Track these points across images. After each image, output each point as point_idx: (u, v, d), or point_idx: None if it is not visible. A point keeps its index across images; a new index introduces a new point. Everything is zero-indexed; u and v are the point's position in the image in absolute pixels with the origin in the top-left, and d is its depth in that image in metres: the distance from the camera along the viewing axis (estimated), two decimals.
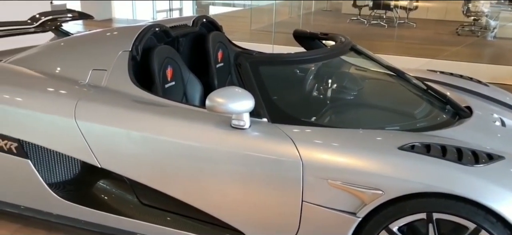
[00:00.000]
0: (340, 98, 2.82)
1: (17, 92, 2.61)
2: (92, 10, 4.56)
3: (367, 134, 2.24)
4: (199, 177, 2.30)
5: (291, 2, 14.49)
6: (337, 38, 2.98)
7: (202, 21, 3.50)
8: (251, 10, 12.92)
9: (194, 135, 2.27)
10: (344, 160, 2.05)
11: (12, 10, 6.69)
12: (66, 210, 2.63)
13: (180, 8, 14.67)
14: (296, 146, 2.10)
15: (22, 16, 3.95)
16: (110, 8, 13.72)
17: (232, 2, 16.83)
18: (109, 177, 2.64)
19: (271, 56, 2.51)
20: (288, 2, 14.55)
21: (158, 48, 2.74)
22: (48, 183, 2.65)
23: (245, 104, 2.14)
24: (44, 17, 3.82)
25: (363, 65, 3.07)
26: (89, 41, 3.05)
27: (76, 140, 2.45)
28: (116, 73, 2.61)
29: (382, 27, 12.49)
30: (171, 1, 12.69)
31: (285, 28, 10.36)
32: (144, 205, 2.55)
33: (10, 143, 2.59)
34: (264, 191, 2.19)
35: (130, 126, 2.36)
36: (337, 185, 2.04)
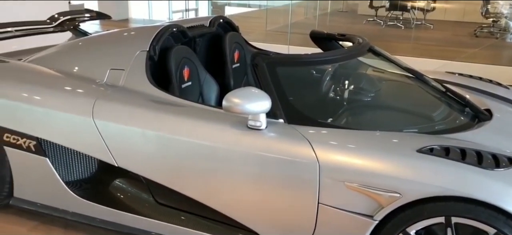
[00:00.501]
0: (357, 99, 2.80)
1: (36, 91, 2.64)
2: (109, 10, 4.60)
3: (385, 136, 2.22)
4: (215, 177, 2.30)
5: (307, 3, 14.45)
6: (355, 39, 2.95)
7: (219, 22, 3.50)
8: (267, 11, 12.91)
9: (210, 135, 2.27)
10: (362, 162, 2.03)
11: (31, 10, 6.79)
12: (82, 208, 2.66)
13: (196, 8, 14.72)
14: (312, 148, 2.09)
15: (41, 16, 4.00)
16: (127, 8, 13.83)
17: (247, 3, 16.85)
18: (125, 176, 2.65)
19: (288, 57, 2.51)
20: (303, 3, 14.51)
21: (175, 48, 2.75)
22: (66, 181, 2.68)
23: (262, 104, 2.13)
24: (63, 17, 3.87)
25: (381, 66, 3.04)
26: (107, 41, 3.07)
27: (94, 139, 2.47)
28: (133, 73, 2.63)
29: (399, 28, 12.37)
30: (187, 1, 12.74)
31: (301, 28, 10.34)
32: (160, 204, 2.56)
33: (28, 141, 2.62)
34: (279, 192, 2.19)
35: (147, 126, 2.38)
36: (354, 187, 2.02)
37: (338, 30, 3.35)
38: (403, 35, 11.59)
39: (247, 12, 15.54)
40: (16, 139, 2.65)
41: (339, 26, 12.68)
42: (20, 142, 2.64)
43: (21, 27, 3.51)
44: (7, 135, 2.66)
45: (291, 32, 9.42)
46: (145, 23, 13.12)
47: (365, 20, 13.50)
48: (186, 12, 13.03)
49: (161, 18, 13.97)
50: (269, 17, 12.10)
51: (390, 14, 13.20)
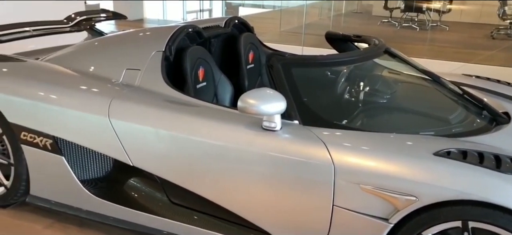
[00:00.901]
0: (373, 101, 2.77)
1: (53, 90, 2.67)
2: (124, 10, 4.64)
3: (401, 139, 2.19)
4: (229, 178, 2.30)
5: (321, 3, 14.42)
6: (371, 41, 2.93)
7: (234, 22, 3.51)
8: (281, 12, 12.90)
9: (225, 136, 2.27)
10: (377, 164, 2.01)
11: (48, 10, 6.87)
12: (97, 206, 2.68)
13: (210, 9, 14.77)
14: (328, 149, 2.07)
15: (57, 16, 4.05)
16: (142, 8, 13.92)
17: (261, 3, 16.85)
18: (140, 175, 2.66)
19: (304, 58, 2.49)
20: (318, 4, 14.48)
21: (190, 49, 2.76)
22: (81, 180, 2.70)
23: (277, 105, 2.13)
24: (79, 17, 3.91)
25: (397, 68, 3.02)
26: (123, 41, 3.09)
27: (110, 138, 2.48)
28: (149, 73, 2.64)
29: (414, 30, 12.27)
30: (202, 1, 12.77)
31: (315, 29, 10.31)
32: (174, 204, 2.57)
33: (45, 140, 2.65)
34: (294, 194, 2.18)
35: (162, 126, 2.39)
36: (369, 190, 2.01)
37: (353, 31, 3.33)
38: (418, 37, 11.48)
39: (261, 12, 15.55)
40: (33, 138, 2.68)
41: (353, 27, 12.63)
42: (36, 141, 2.67)
43: (38, 26, 3.55)
44: (24, 133, 2.69)
45: (305, 33, 9.40)
46: (159, 23, 13.20)
47: (380, 21, 13.42)
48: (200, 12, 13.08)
49: (175, 18, 14.04)
50: (283, 18, 12.08)
51: (405, 16, 13.11)
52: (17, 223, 2.89)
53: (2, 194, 2.97)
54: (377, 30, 12.33)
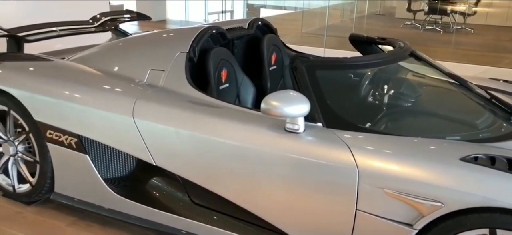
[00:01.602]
0: (397, 104, 2.73)
1: (79, 89, 2.70)
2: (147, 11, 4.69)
3: (426, 143, 2.15)
4: (251, 179, 2.30)
5: (343, 5, 14.31)
6: (396, 43, 2.89)
7: (258, 24, 3.50)
8: (303, 13, 12.85)
9: (248, 137, 2.27)
10: (402, 169, 1.98)
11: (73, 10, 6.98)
12: (119, 205, 2.71)
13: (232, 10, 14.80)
14: (352, 153, 2.05)
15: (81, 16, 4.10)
16: (165, 9, 14.03)
17: (283, 5, 16.82)
18: (162, 175, 2.68)
19: (328, 60, 2.47)
20: (340, 5, 14.38)
21: (214, 50, 2.77)
22: (104, 178, 2.73)
23: (301, 108, 2.11)
24: (105, 17, 3.96)
25: (422, 71, 2.97)
26: (148, 42, 3.12)
27: (134, 137, 2.51)
28: (173, 74, 2.66)
29: (437, 33, 12.08)
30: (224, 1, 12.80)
31: (337, 31, 10.25)
32: (195, 204, 2.58)
33: (70, 138, 2.69)
34: (316, 197, 2.16)
35: (186, 126, 2.40)
36: (394, 194, 1.98)
37: (375, 34, 3.29)
38: (442, 40, 11.31)
39: (282, 14, 15.52)
40: (58, 136, 2.72)
41: (376, 29, 12.50)
42: (62, 139, 2.71)
43: (65, 26, 3.61)
44: (50, 131, 2.74)
45: (327, 34, 9.34)
46: (182, 24, 13.29)
47: (403, 23, 13.26)
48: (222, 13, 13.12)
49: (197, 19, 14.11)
50: (305, 19, 12.03)
51: (428, 18, 12.91)
52: (41, 219, 2.93)
53: (27, 191, 3.02)
54: (400, 32, 12.18)
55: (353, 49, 3.45)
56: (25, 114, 2.81)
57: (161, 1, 13.76)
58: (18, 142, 2.96)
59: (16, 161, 3.02)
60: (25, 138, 2.91)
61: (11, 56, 3.15)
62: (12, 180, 3.06)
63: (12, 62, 3.04)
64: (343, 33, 3.45)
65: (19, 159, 3.00)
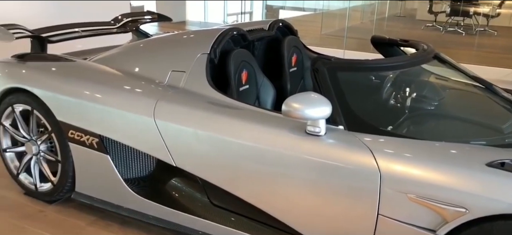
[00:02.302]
0: (420, 108, 2.69)
1: (101, 90, 2.73)
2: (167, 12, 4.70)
3: (451, 148, 2.11)
4: (271, 182, 2.28)
5: (363, 7, 14.21)
6: (419, 46, 2.84)
7: (278, 25, 3.49)
8: (322, 14, 12.79)
9: (268, 139, 2.25)
10: (426, 173, 1.94)
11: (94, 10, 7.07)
12: (139, 205, 2.72)
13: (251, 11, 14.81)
14: (374, 156, 2.02)
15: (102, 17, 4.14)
16: (184, 10, 14.11)
17: (302, 6, 16.77)
18: (182, 176, 2.68)
19: (350, 62, 2.44)
20: (360, 7, 14.27)
21: (235, 52, 2.77)
22: (124, 178, 2.75)
23: (322, 110, 2.09)
24: (126, 18, 3.98)
25: (446, 74, 2.92)
26: (169, 43, 3.13)
27: (154, 138, 2.51)
28: (194, 75, 2.66)
29: (460, 35, 11.90)
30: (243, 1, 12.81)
31: (357, 33, 10.17)
32: (215, 205, 2.57)
33: (92, 138, 2.71)
34: (337, 201, 2.13)
35: (206, 128, 2.39)
36: (417, 199, 1.94)
37: (396, 36, 3.24)
38: (464, 42, 11.13)
39: (301, 15, 15.48)
40: (80, 136, 2.74)
41: (396, 31, 12.38)
42: (83, 139, 2.74)
43: (87, 27, 3.64)
44: (72, 131, 2.76)
45: (346, 36, 9.27)
46: (201, 25, 13.35)
47: (424, 25, 13.11)
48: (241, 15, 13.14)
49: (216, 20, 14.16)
50: (324, 21, 11.97)
51: (450, 20, 12.73)
52: (62, 218, 2.97)
53: (49, 190, 3.06)
54: (421, 34, 12.04)
55: (373, 51, 3.41)
56: (48, 114, 2.84)
57: (181, 2, 13.84)
58: (40, 141, 2.99)
59: (38, 160, 3.06)
60: (47, 137, 2.94)
61: (34, 56, 3.19)
62: (34, 178, 3.10)
63: (36, 63, 3.08)
64: (363, 35, 3.42)
65: (41, 158, 3.04)
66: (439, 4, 13.16)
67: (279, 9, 16.46)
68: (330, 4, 14.39)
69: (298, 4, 17.05)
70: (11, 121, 3.09)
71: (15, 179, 3.22)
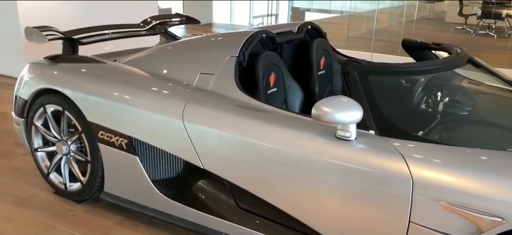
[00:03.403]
0: (453, 113, 2.62)
1: (131, 92, 2.75)
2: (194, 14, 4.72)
3: (487, 154, 2.04)
4: (300, 186, 2.25)
5: (391, 9, 14.02)
6: (452, 49, 2.77)
7: (307, 28, 3.46)
8: (349, 17, 12.67)
9: (297, 143, 2.23)
10: (460, 181, 1.88)
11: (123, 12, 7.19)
12: (165, 206, 2.73)
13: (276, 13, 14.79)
14: (406, 162, 1.97)
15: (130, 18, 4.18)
16: (211, 13, 14.18)
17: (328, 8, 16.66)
18: (209, 178, 2.68)
19: (382, 66, 2.38)
20: (387, 9, 14.09)
21: (263, 54, 2.75)
22: (152, 180, 2.76)
23: (353, 114, 2.05)
24: (155, 21, 4.01)
25: (479, 79, 2.84)
26: (198, 46, 3.14)
27: (183, 140, 2.52)
28: (223, 78, 2.66)
29: (491, 38, 11.62)
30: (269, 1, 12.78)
31: (384, 36, 10.03)
32: (241, 208, 2.56)
33: (121, 139, 2.73)
34: (367, 207, 2.09)
35: (234, 131, 2.38)
36: (450, 208, 1.88)
37: (424, 38, 3.18)
38: (496, 45, 10.86)
39: (327, 17, 15.37)
40: (109, 137, 2.77)
41: (425, 33, 12.17)
42: (113, 140, 2.76)
43: (116, 29, 3.68)
44: (102, 132, 2.79)
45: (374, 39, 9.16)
46: (227, 27, 13.40)
47: (453, 28, 12.85)
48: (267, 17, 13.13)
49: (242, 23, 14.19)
50: (351, 23, 11.86)
51: (481, 23, 12.45)
52: (90, 218, 3.00)
53: (78, 189, 3.10)
54: (450, 37, 11.80)
55: (401, 54, 3.35)
56: (79, 115, 2.88)
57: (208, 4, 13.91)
58: (71, 141, 3.04)
59: (68, 160, 3.10)
60: (77, 138, 2.98)
61: (66, 58, 3.24)
62: (64, 178, 3.15)
63: (67, 64, 3.13)
64: (391, 37, 3.37)
65: (71, 158, 3.08)
66: (469, 6, 12.88)
67: (305, 11, 16.37)
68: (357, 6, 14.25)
69: (324, 6, 16.93)
70: (42, 121, 3.15)
71: (45, 178, 3.28)
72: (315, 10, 16.86)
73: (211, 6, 14.15)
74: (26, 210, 3.07)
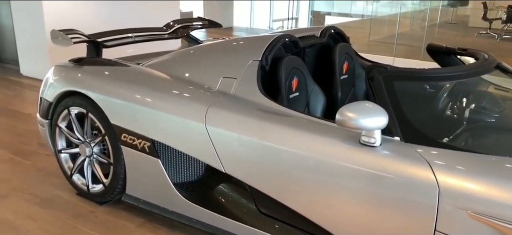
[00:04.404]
0: (480, 119, 2.56)
1: (154, 95, 2.76)
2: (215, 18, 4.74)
3: None
4: (322, 192, 2.23)
5: (413, 13, 13.87)
6: (479, 55, 2.71)
7: (330, 32, 3.44)
8: (371, 21, 12.57)
9: (320, 149, 2.20)
10: (489, 190, 1.83)
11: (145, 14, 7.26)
12: (186, 209, 2.73)
13: (296, 17, 14.76)
14: (432, 170, 1.93)
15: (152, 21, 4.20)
16: (232, 17, 14.23)
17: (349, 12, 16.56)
18: (230, 182, 2.67)
19: (407, 71, 2.34)
20: (409, 13, 13.94)
21: (286, 59, 2.74)
22: (173, 183, 2.76)
23: (378, 120, 2.02)
24: (177, 24, 4.03)
25: (504, 84, 2.77)
26: (220, 50, 3.14)
27: (205, 144, 2.52)
28: (245, 82, 2.65)
29: None
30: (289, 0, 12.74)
31: (406, 40, 9.92)
32: (262, 213, 2.54)
33: (144, 142, 2.75)
34: (391, 215, 2.05)
35: (257, 135, 2.37)
36: (478, 217, 1.84)
37: (447, 43, 3.12)
38: None
39: (348, 21, 15.28)
40: (132, 139, 2.79)
41: (447, 38, 11.99)
42: (136, 143, 2.78)
43: (139, 33, 3.70)
44: (125, 135, 2.81)
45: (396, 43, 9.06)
46: (247, 31, 13.42)
47: (477, 32, 12.65)
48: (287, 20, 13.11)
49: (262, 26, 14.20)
50: (372, 27, 11.76)
51: (506, 27, 12.21)
52: (112, 220, 3.02)
53: (100, 191, 3.13)
54: (474, 42, 11.61)
55: (423, 59, 3.30)
56: (102, 117, 2.91)
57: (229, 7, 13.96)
58: (94, 143, 3.07)
59: (91, 162, 3.13)
60: (100, 140, 3.01)
61: (90, 61, 3.27)
62: (86, 180, 3.18)
63: (92, 67, 3.16)
64: (413, 41, 3.31)
65: (94, 160, 3.11)
66: (494, 10, 12.66)
67: (325, 15, 16.31)
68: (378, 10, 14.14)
69: (345, 10, 16.84)
70: (66, 123, 3.18)
71: (68, 179, 3.31)
72: (335, 14, 16.79)
73: (232, 10, 14.19)
74: (49, 211, 3.11)
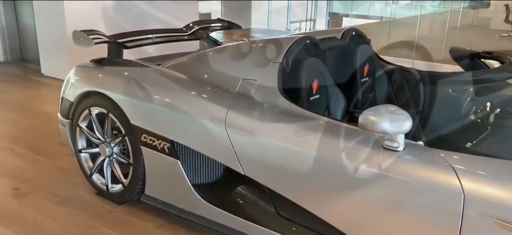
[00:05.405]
0: (505, 124, 2.50)
1: (175, 96, 2.76)
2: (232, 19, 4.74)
3: None
4: (343, 196, 2.20)
5: (433, 16, 13.70)
6: (505, 58, 2.65)
7: (351, 34, 3.40)
8: (390, 23, 12.45)
9: (342, 152, 2.18)
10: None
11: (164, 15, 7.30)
12: (204, 211, 2.73)
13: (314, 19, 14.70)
14: (457, 176, 1.89)
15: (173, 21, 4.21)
16: (250, 17, 14.21)
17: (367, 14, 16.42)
18: (249, 184, 2.66)
19: (431, 75, 2.30)
20: (429, 16, 13.77)
21: (307, 61, 2.71)
22: (192, 184, 2.76)
23: (401, 124, 1.98)
24: (197, 26, 4.04)
25: None
26: (240, 51, 3.12)
27: (224, 146, 2.51)
28: (265, 84, 2.64)
29: None
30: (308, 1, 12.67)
31: (426, 43, 9.78)
32: (281, 216, 2.52)
33: (163, 143, 2.75)
34: (414, 221, 2.02)
35: (277, 138, 2.36)
36: (504, 225, 1.79)
37: (468, 45, 3.05)
38: None
39: (366, 23, 15.15)
40: (152, 140, 2.79)
41: (468, 41, 11.81)
42: (155, 144, 2.78)
43: (159, 34, 3.72)
44: (145, 135, 2.82)
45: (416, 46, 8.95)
46: (265, 33, 13.40)
47: (498, 35, 12.42)
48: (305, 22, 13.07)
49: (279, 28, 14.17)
50: (391, 29, 11.64)
51: None
52: (131, 220, 3.03)
53: (119, 191, 3.14)
54: (495, 45, 11.41)
55: (444, 61, 3.24)
56: (122, 118, 2.92)
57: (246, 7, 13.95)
58: (114, 144, 3.08)
59: (111, 162, 3.15)
60: (120, 140, 3.02)
61: (111, 61, 3.29)
62: (106, 179, 3.20)
63: (113, 67, 3.18)
64: (432, 44, 3.24)
65: (114, 160, 3.13)
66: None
67: (343, 17, 16.20)
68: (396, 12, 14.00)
69: (363, 12, 16.70)
70: (87, 123, 3.21)
71: (88, 179, 3.34)
72: (353, 15, 16.66)
73: (250, 12, 14.19)
74: (69, 210, 3.14)
